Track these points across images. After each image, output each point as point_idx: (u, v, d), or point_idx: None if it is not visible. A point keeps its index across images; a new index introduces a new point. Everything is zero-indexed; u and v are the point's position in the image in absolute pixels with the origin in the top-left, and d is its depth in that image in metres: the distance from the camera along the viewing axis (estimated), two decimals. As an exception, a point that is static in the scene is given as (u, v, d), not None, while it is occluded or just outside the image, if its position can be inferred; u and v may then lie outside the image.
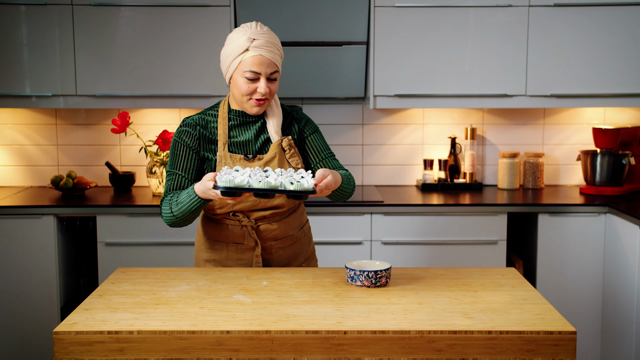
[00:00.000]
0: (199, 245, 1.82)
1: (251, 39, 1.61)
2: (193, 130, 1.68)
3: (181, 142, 1.68)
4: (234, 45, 1.62)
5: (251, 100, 1.65)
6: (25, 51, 2.64)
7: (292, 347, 1.34)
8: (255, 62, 1.61)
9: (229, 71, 1.65)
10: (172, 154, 1.69)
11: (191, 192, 1.61)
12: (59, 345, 1.34)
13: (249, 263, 1.77)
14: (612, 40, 2.66)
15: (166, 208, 1.66)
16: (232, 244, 1.75)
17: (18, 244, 2.51)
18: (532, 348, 1.34)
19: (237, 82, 1.64)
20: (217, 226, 1.75)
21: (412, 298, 1.52)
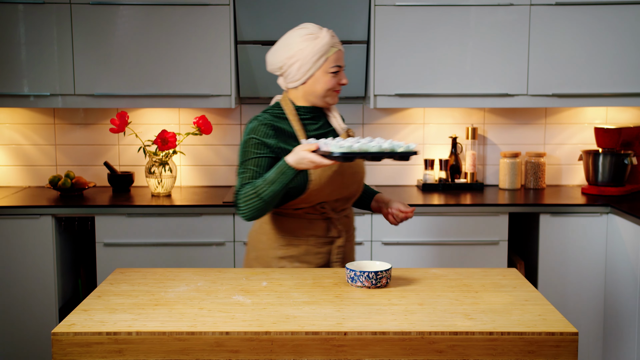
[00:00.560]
0: (268, 243, 1.80)
1: (333, 36, 1.74)
2: (268, 128, 1.72)
3: (256, 138, 1.71)
4: (321, 44, 1.71)
5: (333, 92, 1.77)
6: (23, 50, 2.63)
7: (292, 348, 1.33)
8: (340, 57, 1.75)
9: (311, 70, 1.73)
10: (246, 151, 1.71)
11: (282, 165, 1.64)
12: (57, 347, 1.33)
13: (327, 256, 1.80)
14: (614, 39, 2.65)
15: (248, 195, 1.67)
16: (312, 237, 1.78)
17: (16, 245, 2.51)
18: (534, 349, 1.34)
19: (322, 79, 1.74)
20: (297, 221, 1.77)
21: (412, 299, 1.51)
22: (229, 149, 2.98)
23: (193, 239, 2.54)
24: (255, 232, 1.84)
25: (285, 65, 1.74)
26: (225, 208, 2.54)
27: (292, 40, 1.73)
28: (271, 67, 1.79)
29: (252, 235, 1.85)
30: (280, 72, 1.77)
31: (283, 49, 1.74)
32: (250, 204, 1.67)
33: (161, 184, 2.73)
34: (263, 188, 1.65)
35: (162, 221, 2.54)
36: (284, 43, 1.75)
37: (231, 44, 2.65)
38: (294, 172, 1.64)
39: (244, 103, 2.95)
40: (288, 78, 1.76)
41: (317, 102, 1.78)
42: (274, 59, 1.77)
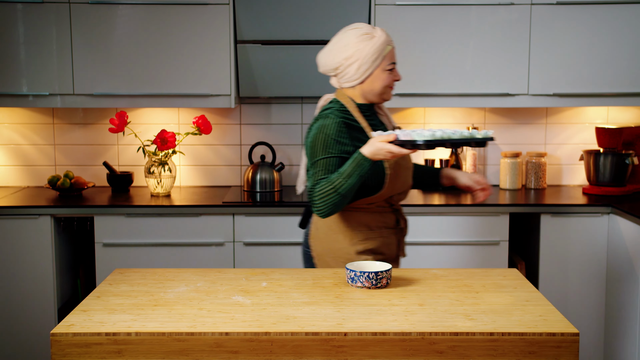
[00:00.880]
0: (346, 241, 1.81)
1: (387, 34, 1.78)
2: (340, 125, 1.74)
3: (328, 136, 1.73)
4: (379, 43, 1.76)
5: (389, 88, 1.82)
6: (22, 50, 2.62)
7: (292, 349, 1.33)
8: (394, 53, 1.81)
9: (369, 69, 1.77)
10: (317, 149, 1.73)
11: (358, 157, 1.66)
12: (56, 347, 1.33)
13: (396, 246, 1.87)
14: (616, 38, 2.64)
15: (325, 191, 1.68)
16: (384, 229, 1.83)
17: (15, 245, 2.50)
18: (535, 350, 1.34)
19: (380, 76, 1.78)
20: (369, 214, 1.81)
21: (413, 299, 1.51)
22: (228, 148, 2.97)
23: (192, 239, 2.54)
24: (326, 235, 1.83)
25: (342, 65, 1.77)
26: (225, 208, 2.54)
27: (348, 40, 1.76)
28: (325, 69, 1.82)
29: (322, 238, 1.84)
30: (335, 72, 1.81)
31: (340, 50, 1.77)
32: (327, 199, 1.68)
33: (160, 184, 2.72)
34: (340, 182, 1.67)
35: (162, 221, 2.53)
36: (340, 44, 1.77)
37: (231, 44, 2.64)
38: (370, 163, 1.66)
39: (244, 103, 2.94)
40: (344, 78, 1.79)
41: (373, 99, 1.82)
42: (329, 60, 1.80)
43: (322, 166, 1.71)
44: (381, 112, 1.89)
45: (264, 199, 2.68)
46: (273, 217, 2.54)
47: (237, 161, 2.98)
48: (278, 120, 2.95)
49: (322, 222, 1.84)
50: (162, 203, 2.59)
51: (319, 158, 1.72)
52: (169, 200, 2.66)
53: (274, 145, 2.94)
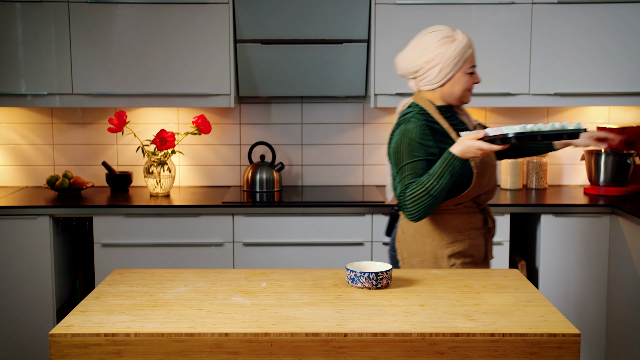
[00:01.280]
0: (434, 244, 1.82)
1: (468, 37, 1.80)
2: (425, 128, 1.76)
3: (414, 140, 1.74)
4: (461, 46, 1.77)
5: (468, 91, 1.83)
6: (20, 49, 2.62)
7: (292, 350, 1.32)
8: (474, 57, 1.82)
9: (451, 73, 1.78)
10: (403, 153, 1.74)
11: (448, 157, 1.68)
12: (55, 348, 1.32)
13: (484, 248, 1.86)
14: (617, 38, 2.64)
15: (416, 194, 1.69)
16: (472, 230, 1.83)
17: (13, 245, 2.49)
18: (536, 351, 1.33)
19: (461, 79, 1.80)
20: (457, 216, 1.82)
21: (413, 300, 1.51)
22: (228, 148, 2.96)
23: (192, 239, 2.53)
24: (413, 238, 1.84)
25: (422, 69, 1.79)
26: (225, 208, 2.53)
27: (428, 44, 1.77)
28: (404, 72, 1.83)
29: (409, 243, 1.85)
30: (414, 75, 1.82)
31: (420, 54, 1.78)
32: (419, 202, 1.69)
33: (160, 184, 2.72)
34: (432, 183, 1.68)
35: (161, 221, 2.52)
36: (420, 47, 1.78)
37: (230, 43, 2.64)
38: (460, 162, 1.67)
39: (243, 102, 2.94)
40: (424, 81, 1.81)
41: (453, 102, 1.84)
42: (408, 63, 1.81)
43: (409, 170, 1.72)
44: (461, 112, 1.90)
45: (264, 199, 2.67)
46: (273, 217, 2.53)
47: (236, 161, 2.97)
48: (278, 120, 2.95)
49: (408, 225, 1.85)
50: (162, 203, 2.58)
51: (405, 163, 1.73)
52: (168, 200, 2.65)
53: (274, 145, 2.93)
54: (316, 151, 2.96)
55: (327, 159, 2.97)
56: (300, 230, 2.54)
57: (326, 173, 2.98)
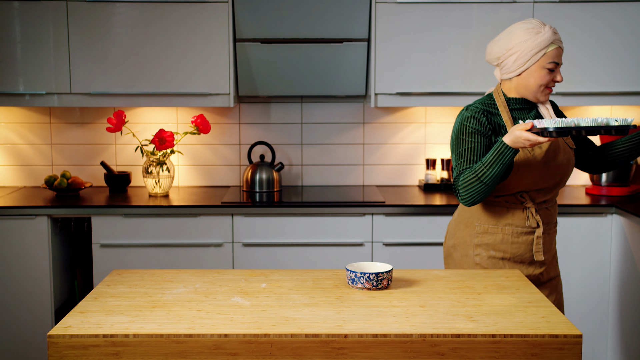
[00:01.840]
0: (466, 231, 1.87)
1: (554, 32, 1.78)
2: (481, 115, 1.79)
3: (470, 127, 1.78)
4: (542, 39, 1.77)
5: (546, 89, 1.82)
6: (18, 48, 2.61)
7: (292, 351, 1.32)
8: (559, 54, 1.79)
9: (528, 63, 1.78)
10: (459, 139, 1.79)
11: (500, 145, 1.70)
12: (53, 349, 1.31)
13: (525, 247, 1.84)
14: (619, 37, 2.63)
15: (468, 180, 1.74)
16: (509, 226, 1.83)
17: (11, 245, 2.49)
18: (537, 352, 1.32)
19: (537, 73, 1.79)
20: (496, 209, 1.84)
21: (414, 301, 1.50)
22: (227, 148, 2.96)
23: (191, 239, 2.52)
24: (454, 221, 1.93)
25: (503, 56, 1.81)
26: (224, 208, 2.52)
27: (514, 33, 1.80)
28: (489, 57, 1.86)
29: (452, 225, 1.94)
30: (497, 62, 1.84)
31: (504, 40, 1.81)
32: (471, 189, 1.74)
33: (159, 184, 2.71)
34: (483, 171, 1.72)
35: (160, 222, 2.51)
36: (506, 35, 1.81)
37: (230, 42, 2.63)
38: (512, 151, 1.70)
39: (243, 102, 2.93)
40: (504, 69, 1.82)
41: (528, 95, 1.83)
42: (494, 49, 1.84)
43: (464, 157, 1.78)
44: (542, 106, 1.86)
45: (263, 199, 2.66)
46: (272, 217, 2.53)
47: (236, 161, 2.96)
48: (277, 119, 2.94)
49: (457, 210, 1.93)
50: (160, 203, 2.57)
51: (460, 149, 1.78)
52: (167, 200, 2.64)
53: (274, 144, 2.92)
54: (316, 151, 2.95)
55: (327, 158, 2.96)
56: (300, 230, 2.53)
57: (326, 173, 2.97)
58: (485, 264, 1.84)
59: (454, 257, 1.91)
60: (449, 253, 1.94)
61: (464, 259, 1.87)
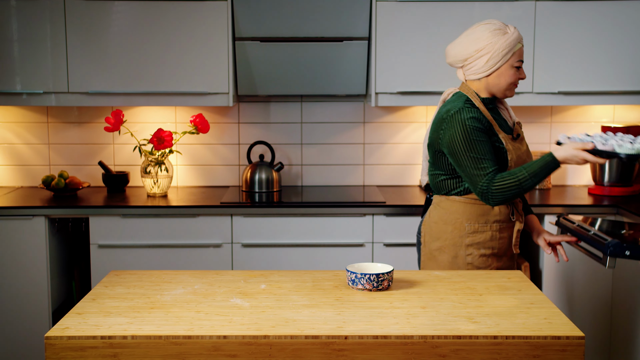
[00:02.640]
0: (455, 232, 1.88)
1: (519, 32, 1.86)
2: (479, 115, 1.84)
3: (477, 127, 1.81)
4: (511, 39, 1.84)
5: (513, 86, 1.89)
6: (15, 47, 2.59)
7: (291, 353, 1.32)
8: (522, 52, 1.88)
9: (498, 63, 1.84)
10: (472, 141, 1.80)
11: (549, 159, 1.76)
12: (51, 351, 1.31)
13: (507, 241, 1.90)
14: (622, 35, 2.63)
15: (508, 184, 1.77)
16: (496, 222, 1.88)
17: (8, 246, 2.48)
18: (539, 353, 1.32)
19: (507, 72, 1.86)
20: (483, 207, 1.87)
21: (415, 302, 1.50)
22: (226, 148, 2.94)
23: (190, 240, 2.51)
24: (436, 224, 1.91)
25: (472, 57, 1.86)
26: (223, 209, 2.50)
27: (480, 34, 1.85)
28: (453, 59, 1.90)
29: (432, 227, 1.93)
30: (462, 64, 1.88)
31: (471, 43, 1.85)
32: (508, 193, 1.78)
33: (157, 184, 2.69)
34: (525, 178, 1.76)
35: (158, 222, 2.50)
36: (472, 37, 1.86)
37: (229, 41, 2.62)
38: (557, 167, 1.77)
39: (242, 101, 2.92)
40: (472, 70, 1.87)
41: (497, 93, 1.90)
42: (459, 51, 1.87)
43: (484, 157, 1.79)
44: (502, 107, 1.95)
45: (263, 199, 2.65)
46: (272, 217, 2.51)
47: (235, 161, 2.95)
48: (277, 119, 2.93)
49: (435, 210, 1.92)
50: (159, 203, 2.56)
51: (476, 151, 1.79)
52: (165, 200, 2.63)
53: (273, 144, 2.91)
54: (316, 151, 2.94)
55: (327, 158, 2.95)
56: (299, 231, 2.51)
57: (326, 173, 2.96)
58: (477, 263, 1.87)
59: (438, 260, 1.90)
60: (431, 256, 1.92)
61: (454, 261, 1.88)
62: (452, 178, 1.88)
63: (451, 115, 1.82)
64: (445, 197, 1.90)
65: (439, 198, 1.92)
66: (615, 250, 1.69)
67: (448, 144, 1.81)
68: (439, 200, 1.92)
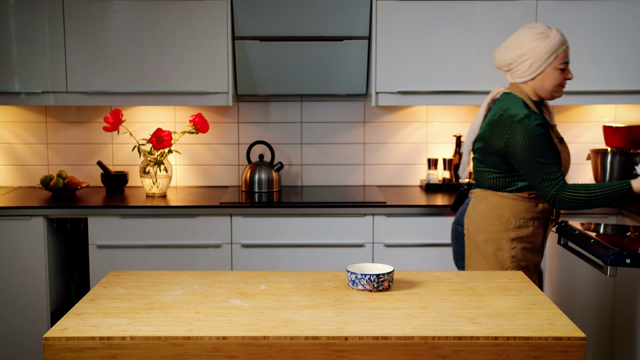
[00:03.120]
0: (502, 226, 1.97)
1: (562, 34, 1.94)
2: (544, 120, 1.92)
3: (544, 133, 1.90)
4: (553, 42, 1.92)
5: (560, 87, 1.98)
6: (13, 46, 2.59)
7: (291, 354, 1.31)
8: (567, 53, 1.97)
9: (541, 67, 1.94)
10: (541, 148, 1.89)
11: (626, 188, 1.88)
12: (49, 352, 1.31)
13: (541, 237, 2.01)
14: (623, 34, 2.62)
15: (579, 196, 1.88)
16: (537, 219, 1.99)
17: (6, 246, 2.47)
18: (540, 354, 1.32)
19: (551, 75, 1.95)
20: (529, 204, 1.97)
21: (415, 303, 1.50)
22: (226, 148, 2.93)
23: (189, 240, 2.50)
24: (482, 217, 2.00)
25: (515, 62, 1.96)
26: (223, 209, 2.50)
27: (523, 39, 1.94)
28: (499, 64, 2.01)
29: (478, 220, 2.01)
30: (508, 67, 1.99)
31: (514, 47, 1.95)
32: (575, 204, 1.89)
33: (156, 184, 2.69)
34: (597, 196, 1.89)
35: (157, 222, 2.49)
36: (516, 42, 1.96)
37: (228, 40, 2.61)
38: (631, 196, 1.88)
39: (242, 101, 2.91)
40: (517, 74, 1.97)
41: (544, 95, 1.99)
42: (504, 56, 1.98)
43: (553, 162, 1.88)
44: (545, 110, 2.04)
45: (263, 199, 2.64)
46: (272, 218, 2.50)
47: (234, 161, 2.94)
48: (277, 118, 2.92)
49: (481, 204, 2.01)
50: (158, 204, 2.55)
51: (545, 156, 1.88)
52: (164, 200, 2.62)
53: (273, 144, 2.91)
54: (316, 150, 2.94)
55: (327, 158, 2.94)
56: (299, 231, 2.51)
57: (326, 173, 2.95)
58: (520, 256, 1.97)
59: (483, 251, 1.99)
60: (476, 247, 2.00)
61: (498, 253, 1.97)
62: (504, 177, 1.97)
63: (517, 121, 1.89)
64: (492, 192, 1.99)
65: (484, 193, 2.01)
66: (616, 259, 1.70)
67: (515, 149, 1.90)
68: (485, 195, 2.00)
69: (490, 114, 1.99)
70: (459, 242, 2.06)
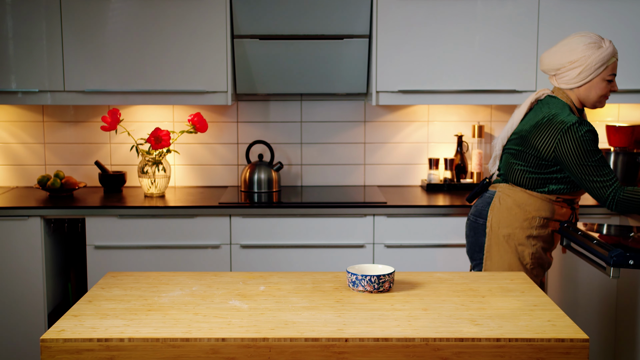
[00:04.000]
0: (524, 224, 2.01)
1: (614, 47, 1.98)
2: (592, 126, 1.95)
3: (594, 139, 1.93)
4: (606, 53, 1.96)
5: (604, 98, 2.02)
6: (10, 44, 2.58)
7: (291, 355, 1.31)
8: (616, 65, 2.00)
9: (590, 76, 1.96)
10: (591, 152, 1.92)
11: None
12: (46, 354, 1.31)
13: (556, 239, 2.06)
14: (626, 33, 2.62)
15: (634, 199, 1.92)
16: (557, 222, 2.03)
17: (3, 247, 2.47)
18: (543, 356, 1.32)
19: (598, 85, 1.98)
20: (552, 206, 2.01)
21: (416, 304, 1.50)
22: (225, 147, 2.92)
23: (188, 241, 2.49)
24: (508, 211, 2.03)
25: (564, 68, 1.98)
26: (222, 209, 2.49)
27: (576, 46, 1.96)
28: (546, 68, 2.03)
29: (505, 213, 2.03)
30: (555, 72, 2.01)
31: (565, 53, 1.97)
32: (632, 205, 1.93)
33: (154, 184, 2.67)
34: None
35: (156, 223, 2.48)
36: (567, 47, 1.97)
37: (227, 38, 2.60)
38: None
39: (241, 100, 2.90)
40: (564, 79, 2.00)
41: (586, 104, 2.03)
42: (553, 60, 2.00)
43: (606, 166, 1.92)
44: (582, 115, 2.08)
45: (262, 199, 2.63)
46: (271, 218, 2.49)
47: (234, 160, 2.93)
48: (276, 118, 2.91)
49: (508, 198, 2.03)
50: (156, 204, 2.54)
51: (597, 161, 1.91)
52: (163, 201, 2.61)
53: (272, 144, 2.90)
54: (316, 150, 2.92)
55: (327, 158, 2.93)
56: (299, 231, 2.50)
57: (326, 173, 2.94)
58: (538, 254, 2.01)
59: (505, 246, 2.01)
60: (497, 240, 2.02)
61: (519, 248, 2.01)
62: (538, 177, 1.99)
63: (567, 128, 1.91)
64: (521, 189, 2.01)
65: (513, 189, 2.03)
66: (619, 260, 1.70)
67: (565, 156, 1.92)
68: (514, 191, 2.02)
69: (534, 114, 1.99)
70: (477, 234, 2.07)
